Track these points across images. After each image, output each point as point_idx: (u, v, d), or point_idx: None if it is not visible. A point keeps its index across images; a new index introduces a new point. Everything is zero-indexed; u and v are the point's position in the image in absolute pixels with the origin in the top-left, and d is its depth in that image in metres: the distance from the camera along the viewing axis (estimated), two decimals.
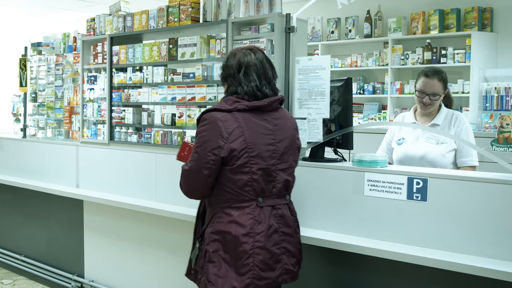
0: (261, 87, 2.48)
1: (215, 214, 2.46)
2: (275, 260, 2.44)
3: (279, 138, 2.50)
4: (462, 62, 6.04)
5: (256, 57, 2.50)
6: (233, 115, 2.40)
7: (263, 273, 2.40)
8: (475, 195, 2.48)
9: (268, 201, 2.46)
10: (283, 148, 2.51)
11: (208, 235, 2.46)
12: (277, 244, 2.46)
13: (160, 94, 3.83)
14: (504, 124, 2.52)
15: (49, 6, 8.18)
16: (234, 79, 2.48)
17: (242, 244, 2.38)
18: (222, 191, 2.43)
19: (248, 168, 2.40)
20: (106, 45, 4.20)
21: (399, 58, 6.57)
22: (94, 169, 4.29)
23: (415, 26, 6.49)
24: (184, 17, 3.66)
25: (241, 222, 2.39)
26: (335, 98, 3.06)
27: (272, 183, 2.47)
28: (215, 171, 2.39)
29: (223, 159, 2.38)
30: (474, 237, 2.47)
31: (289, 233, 2.53)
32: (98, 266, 4.30)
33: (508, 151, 2.53)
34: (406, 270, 2.63)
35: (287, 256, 2.50)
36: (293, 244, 2.55)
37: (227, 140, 2.36)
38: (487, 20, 6.13)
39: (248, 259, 2.38)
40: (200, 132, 2.42)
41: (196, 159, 2.41)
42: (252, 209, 2.42)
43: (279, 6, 3.21)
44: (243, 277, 2.37)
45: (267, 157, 2.44)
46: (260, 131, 2.44)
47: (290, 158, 2.55)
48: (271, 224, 2.44)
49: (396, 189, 2.68)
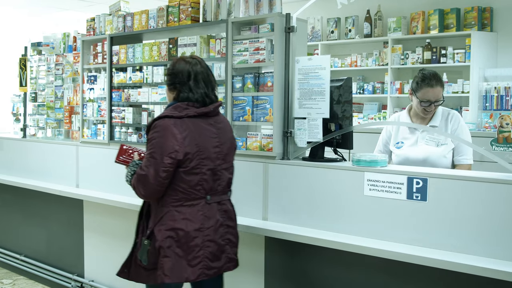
0: (209, 93, 2.71)
1: (168, 213, 2.62)
2: (221, 250, 2.69)
3: (222, 141, 2.74)
4: (462, 61, 6.04)
5: (202, 66, 2.73)
6: (184, 121, 2.60)
7: (211, 263, 2.64)
8: (475, 195, 2.48)
9: (215, 198, 2.70)
10: (226, 149, 2.76)
11: (160, 233, 2.60)
12: (222, 236, 2.71)
13: (160, 94, 3.83)
14: (504, 124, 2.52)
15: (49, 6, 8.18)
16: (185, 86, 2.67)
17: (194, 238, 2.59)
18: (175, 191, 2.61)
19: (199, 169, 2.61)
20: (106, 45, 4.20)
21: (399, 57, 6.57)
22: (94, 169, 4.29)
23: (415, 26, 6.49)
24: (184, 17, 3.66)
25: (192, 219, 2.61)
26: (335, 98, 3.06)
27: (218, 182, 2.71)
28: (171, 173, 2.57)
29: (178, 162, 2.56)
30: (474, 237, 2.47)
31: (232, 226, 2.79)
32: (98, 266, 4.30)
33: (508, 150, 2.53)
34: (406, 270, 2.63)
35: (230, 246, 2.75)
36: (235, 235, 2.81)
37: (182, 144, 2.55)
38: (487, 20, 6.13)
39: (199, 251, 2.60)
40: (154, 138, 2.58)
41: (153, 163, 2.56)
42: (202, 206, 2.64)
43: (279, 6, 3.21)
44: (194, 268, 2.59)
45: (214, 158, 2.68)
46: (208, 135, 2.67)
47: (231, 158, 2.82)
48: (218, 218, 2.69)
49: (396, 189, 2.68)
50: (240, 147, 3.31)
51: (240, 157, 3.32)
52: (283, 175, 3.13)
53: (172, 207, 2.61)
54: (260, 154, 3.21)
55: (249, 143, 3.27)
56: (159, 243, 2.58)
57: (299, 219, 3.04)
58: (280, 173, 3.14)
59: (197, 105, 2.66)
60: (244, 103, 3.29)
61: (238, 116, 3.33)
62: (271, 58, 3.18)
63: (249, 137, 3.28)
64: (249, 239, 3.25)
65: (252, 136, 3.26)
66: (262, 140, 3.21)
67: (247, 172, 3.28)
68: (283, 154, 3.15)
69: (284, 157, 3.15)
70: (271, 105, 3.15)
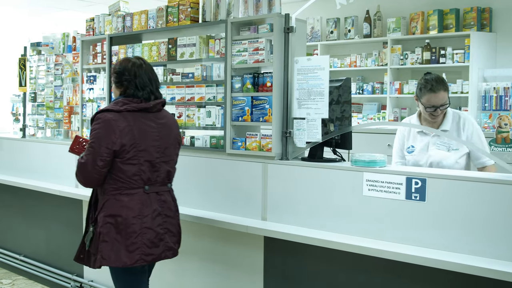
0: (153, 91, 2.93)
1: (108, 201, 2.80)
2: (159, 238, 2.85)
3: (162, 135, 2.91)
4: (461, 62, 6.04)
5: (147, 66, 2.96)
6: (123, 115, 2.79)
7: (149, 250, 2.80)
8: (473, 195, 2.48)
9: (153, 188, 2.86)
10: (166, 143, 2.93)
11: (101, 219, 2.79)
12: (161, 225, 2.87)
13: None
14: (503, 124, 2.53)
15: (49, 6, 8.18)
16: (131, 84, 2.88)
17: (132, 225, 2.76)
18: (114, 180, 2.80)
19: (136, 160, 2.79)
20: (105, 45, 4.20)
21: (398, 58, 6.57)
22: None
23: (414, 26, 6.49)
24: (183, 17, 3.66)
25: (131, 206, 2.78)
26: (334, 98, 3.07)
27: (156, 173, 2.88)
28: (108, 163, 2.76)
29: (115, 152, 2.76)
30: (473, 237, 2.48)
31: (171, 216, 2.95)
32: None
33: (506, 151, 2.53)
34: (405, 270, 2.64)
35: (169, 236, 2.92)
36: (174, 225, 2.97)
37: (119, 136, 2.75)
38: (486, 20, 6.13)
39: (137, 238, 2.76)
40: (95, 129, 2.79)
41: (92, 153, 2.76)
42: (140, 195, 2.81)
43: (278, 6, 3.21)
44: (132, 254, 2.75)
45: (153, 151, 2.85)
46: (146, 129, 2.85)
47: (172, 152, 2.98)
48: (155, 208, 2.85)
49: (395, 189, 2.69)
50: (239, 147, 3.31)
51: (239, 157, 3.32)
52: (282, 176, 3.13)
53: (111, 196, 2.80)
54: (259, 154, 3.21)
55: (248, 143, 3.27)
56: (99, 229, 2.78)
57: (298, 219, 3.05)
58: (279, 173, 3.14)
59: (138, 101, 2.86)
60: (243, 103, 3.29)
61: (237, 116, 3.33)
62: (270, 59, 3.19)
63: (248, 137, 3.28)
64: (248, 239, 3.25)
65: (251, 136, 3.27)
66: (261, 140, 3.21)
67: (246, 172, 3.28)
68: (282, 154, 3.16)
69: (283, 157, 3.15)
70: (270, 105, 3.16)
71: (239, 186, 3.33)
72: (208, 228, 3.41)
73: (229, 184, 3.38)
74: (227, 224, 3.23)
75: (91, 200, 2.96)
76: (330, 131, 3.05)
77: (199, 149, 3.56)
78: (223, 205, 3.39)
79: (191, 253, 3.64)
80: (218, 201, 3.43)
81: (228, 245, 3.42)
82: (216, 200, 3.44)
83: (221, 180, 3.42)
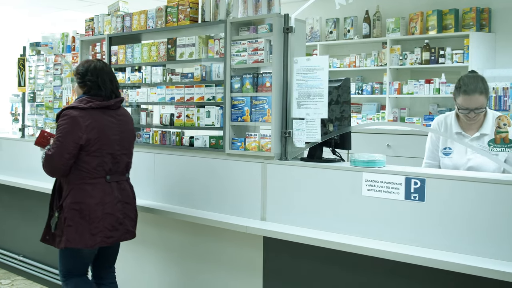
0: (114, 90, 3.22)
1: (73, 189, 3.07)
2: (119, 223, 3.16)
3: (122, 130, 3.22)
4: (460, 62, 6.05)
5: (107, 68, 3.26)
6: (88, 112, 3.08)
7: (110, 233, 3.11)
8: (472, 195, 2.48)
9: (114, 178, 3.17)
10: (125, 137, 3.25)
11: (67, 206, 3.05)
12: (120, 211, 3.17)
13: (158, 94, 3.83)
14: (502, 125, 2.53)
15: (49, 6, 8.18)
16: (95, 84, 3.16)
17: (94, 211, 3.05)
18: (79, 170, 3.07)
19: (99, 153, 3.08)
20: (104, 45, 4.20)
21: (398, 58, 6.58)
22: None
23: (413, 27, 6.50)
24: (183, 17, 3.66)
25: (94, 194, 3.07)
26: (333, 98, 3.07)
27: (117, 164, 3.18)
28: (74, 155, 3.03)
29: (81, 146, 3.03)
30: (472, 237, 2.48)
31: (129, 202, 3.26)
32: None
33: (505, 151, 2.54)
34: (404, 270, 2.64)
35: (128, 220, 3.23)
36: (132, 211, 3.28)
37: (84, 131, 3.03)
38: (485, 21, 6.14)
39: (99, 222, 3.06)
40: (62, 125, 3.05)
41: (59, 146, 3.02)
42: (102, 185, 3.11)
43: (278, 6, 3.21)
44: (95, 236, 3.05)
45: (114, 144, 3.15)
46: (108, 125, 3.14)
47: (130, 145, 3.30)
48: (116, 195, 3.16)
49: (394, 189, 2.69)
50: (238, 147, 3.31)
51: (238, 157, 3.32)
52: (282, 176, 3.13)
53: (76, 185, 3.06)
54: (259, 154, 3.21)
55: (248, 144, 3.27)
56: (65, 214, 3.04)
57: (297, 219, 3.05)
58: (279, 173, 3.14)
59: (100, 99, 3.15)
60: (243, 104, 3.29)
61: (236, 116, 3.33)
62: (269, 59, 3.19)
63: (248, 138, 3.28)
64: (247, 239, 3.25)
65: (251, 136, 3.27)
66: (261, 140, 3.21)
67: (246, 172, 3.28)
68: (281, 154, 3.16)
69: (283, 158, 3.15)
70: (269, 105, 3.16)
71: (238, 186, 3.33)
72: (207, 228, 3.41)
73: (228, 184, 3.38)
74: (226, 224, 3.22)
75: (54, 188, 3.23)
76: (329, 131, 3.05)
77: (198, 149, 3.56)
78: (222, 205, 3.39)
79: (190, 253, 3.64)
80: (217, 201, 3.43)
81: (227, 245, 3.42)
82: (215, 200, 3.44)
83: (220, 180, 3.42)
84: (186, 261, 3.67)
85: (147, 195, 3.82)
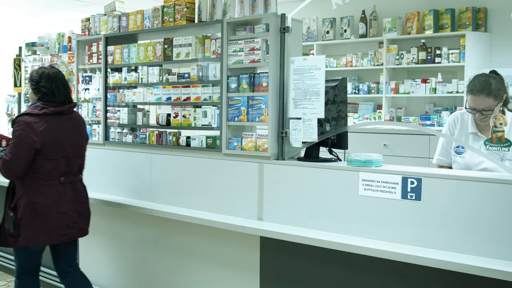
0: (67, 96, 3.38)
1: (29, 190, 3.22)
2: (73, 221, 3.33)
3: (75, 134, 3.39)
4: (456, 62, 6.06)
5: (60, 74, 3.40)
6: (42, 117, 3.21)
7: (64, 231, 3.29)
8: (469, 194, 2.49)
9: (68, 179, 3.32)
10: (78, 141, 3.42)
11: (22, 206, 3.20)
12: (74, 210, 3.34)
13: (155, 94, 3.83)
14: (498, 124, 2.53)
15: (46, 6, 8.16)
16: (49, 90, 3.30)
17: (49, 211, 3.22)
18: (34, 173, 3.21)
19: (54, 156, 3.24)
20: (101, 45, 4.19)
21: (394, 58, 6.58)
22: (89, 169, 4.27)
23: (410, 26, 6.51)
24: (179, 17, 3.66)
25: (49, 195, 3.23)
26: (330, 98, 3.07)
27: (71, 167, 3.34)
28: (30, 159, 3.18)
29: (36, 150, 3.17)
30: (469, 236, 2.48)
31: (82, 202, 3.44)
32: (90, 266, 4.29)
33: (501, 150, 2.54)
34: (401, 269, 2.64)
35: (81, 219, 3.41)
36: (85, 210, 3.46)
37: (40, 136, 3.16)
38: (481, 20, 6.15)
39: (54, 221, 3.24)
40: (17, 131, 3.18)
41: (16, 151, 3.16)
42: (57, 186, 3.26)
43: (274, 6, 3.21)
44: (50, 235, 3.24)
45: (68, 148, 3.31)
46: (62, 129, 3.29)
47: (83, 148, 3.47)
48: (70, 196, 3.32)
49: (391, 188, 2.69)
50: (235, 147, 3.31)
51: (235, 157, 3.32)
52: (278, 175, 3.13)
53: (31, 186, 3.22)
54: (255, 154, 3.21)
55: (244, 143, 3.27)
56: (21, 215, 3.19)
57: (294, 219, 3.05)
58: (275, 173, 3.14)
59: (54, 105, 3.29)
60: (239, 104, 3.29)
61: (233, 116, 3.33)
62: (266, 59, 3.18)
63: (244, 138, 3.28)
64: (244, 239, 3.25)
65: (247, 136, 3.27)
66: (257, 140, 3.21)
67: (242, 172, 3.28)
68: (278, 154, 3.16)
69: (279, 157, 3.15)
70: (266, 105, 3.16)
71: (235, 186, 3.33)
72: (204, 228, 3.40)
73: (225, 184, 3.37)
74: (223, 224, 3.22)
75: (9, 189, 3.36)
76: (326, 131, 3.05)
77: (195, 149, 3.56)
78: (219, 205, 3.39)
79: (188, 253, 3.63)
80: (214, 201, 3.43)
81: (224, 245, 3.42)
82: (212, 200, 3.43)
83: (217, 180, 3.42)
84: (183, 261, 3.67)
85: (144, 196, 3.81)
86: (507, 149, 2.52)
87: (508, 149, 2.51)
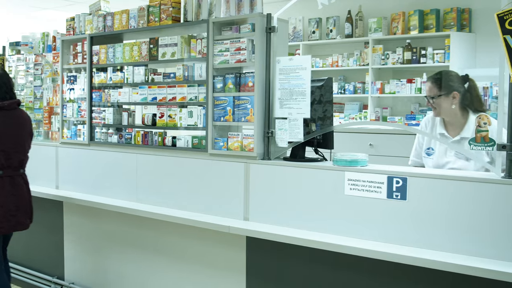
0: (8, 92, 3.56)
1: None
2: (11, 215, 3.46)
3: (16, 129, 3.53)
4: (441, 62, 6.11)
5: (4, 73, 3.65)
6: None
7: (1, 224, 3.42)
8: (454, 193, 2.51)
9: (7, 173, 3.46)
10: (19, 136, 3.56)
11: None
12: (13, 203, 3.47)
13: (140, 94, 3.81)
14: (482, 123, 2.55)
15: (30, 5, 8.08)
16: (1, 90, 3.53)
17: None
18: None
19: None
20: (86, 45, 4.16)
21: (380, 58, 6.62)
22: (74, 170, 4.25)
23: (395, 26, 6.55)
24: (165, 16, 3.64)
25: None
26: (316, 98, 3.07)
27: (10, 161, 3.48)
28: None
29: None
30: (454, 235, 2.50)
31: (22, 196, 3.54)
32: (78, 268, 4.26)
33: (485, 149, 2.56)
34: (387, 268, 2.65)
35: (21, 213, 3.52)
36: (26, 204, 3.57)
37: None
38: (465, 21, 6.21)
39: None
40: None
41: None
42: None
43: (260, 6, 3.21)
44: None
45: (8, 143, 3.46)
46: (4, 125, 3.46)
47: (24, 143, 3.61)
48: (9, 189, 3.45)
49: (376, 188, 2.70)
50: (221, 147, 3.30)
51: (221, 157, 3.32)
52: (264, 175, 3.13)
53: None
54: (241, 154, 3.21)
55: (230, 143, 3.26)
56: None
57: (280, 219, 3.05)
58: (261, 173, 3.14)
59: None
60: (225, 103, 3.28)
61: (219, 116, 3.32)
62: (252, 58, 3.18)
63: (230, 137, 3.27)
64: (230, 239, 3.25)
65: (233, 136, 3.26)
66: (243, 140, 3.21)
67: (228, 172, 3.27)
68: (264, 154, 3.16)
69: (265, 157, 3.15)
70: (252, 105, 3.16)
71: (221, 186, 3.32)
72: (190, 228, 3.39)
73: (211, 184, 3.37)
74: (209, 224, 3.22)
75: None
76: (312, 131, 3.06)
77: (181, 149, 3.55)
78: (205, 205, 3.38)
79: (173, 252, 3.62)
80: (200, 201, 3.42)
81: (210, 245, 3.41)
82: (198, 200, 3.42)
83: (203, 180, 3.41)
84: (169, 262, 3.65)
85: (130, 196, 3.79)
86: (491, 149, 2.54)
87: (492, 148, 2.53)
